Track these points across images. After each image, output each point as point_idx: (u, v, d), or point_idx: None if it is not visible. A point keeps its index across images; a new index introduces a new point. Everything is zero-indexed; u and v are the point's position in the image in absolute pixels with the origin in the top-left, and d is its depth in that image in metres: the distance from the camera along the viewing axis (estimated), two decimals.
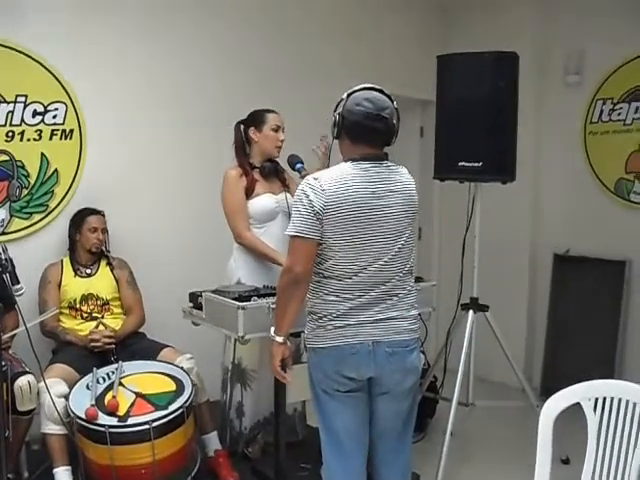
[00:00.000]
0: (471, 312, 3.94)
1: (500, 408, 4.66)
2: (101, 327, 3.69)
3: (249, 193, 3.52)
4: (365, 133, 2.51)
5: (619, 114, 4.91)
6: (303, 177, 2.92)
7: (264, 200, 3.54)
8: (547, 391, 4.69)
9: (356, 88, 2.56)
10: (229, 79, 4.56)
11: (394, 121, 2.54)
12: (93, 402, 3.12)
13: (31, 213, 3.90)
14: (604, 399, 2.38)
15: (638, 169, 4.84)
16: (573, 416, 2.42)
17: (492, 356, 4.14)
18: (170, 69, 4.34)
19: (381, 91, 2.55)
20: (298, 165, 3.40)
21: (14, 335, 3.26)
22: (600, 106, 5.01)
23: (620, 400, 2.34)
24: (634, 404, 2.31)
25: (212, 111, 4.44)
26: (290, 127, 3.69)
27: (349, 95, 2.55)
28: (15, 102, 3.79)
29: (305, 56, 4.93)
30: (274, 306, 2.75)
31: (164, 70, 4.32)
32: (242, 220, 3.51)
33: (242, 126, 3.64)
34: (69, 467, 3.22)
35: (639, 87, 4.78)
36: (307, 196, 2.43)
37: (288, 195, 3.52)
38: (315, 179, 2.46)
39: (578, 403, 2.39)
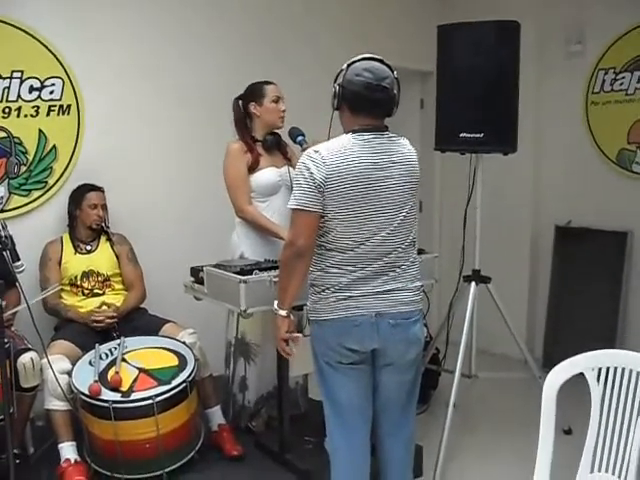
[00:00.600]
0: (473, 284, 3.93)
1: (502, 380, 4.68)
2: (104, 307, 3.68)
3: (254, 167, 3.49)
4: (365, 103, 2.48)
5: (621, 84, 4.87)
6: (304, 150, 2.89)
7: (267, 174, 3.51)
8: (549, 362, 4.75)
9: (356, 58, 2.52)
10: (225, 53, 4.51)
11: (395, 91, 2.51)
12: (96, 378, 3.12)
13: (30, 190, 3.88)
14: (607, 369, 2.37)
15: None
16: (575, 387, 2.42)
17: (494, 328, 4.15)
18: (168, 43, 4.30)
19: (381, 61, 2.52)
20: (299, 138, 3.37)
21: (16, 312, 3.26)
22: (602, 76, 4.97)
23: (624, 369, 2.34)
24: (638, 373, 2.30)
25: (211, 84, 4.41)
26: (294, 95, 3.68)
27: (349, 66, 2.52)
28: (11, 78, 3.75)
29: (300, 25, 4.88)
30: (276, 279, 2.74)
31: (162, 44, 4.28)
32: (243, 194, 3.48)
33: (240, 101, 3.60)
34: (74, 442, 3.22)
35: None
36: (308, 169, 2.41)
37: (290, 168, 3.49)
38: (316, 151, 2.44)
39: (580, 373, 2.39)
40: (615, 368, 2.36)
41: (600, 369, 2.39)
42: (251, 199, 3.51)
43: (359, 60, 2.52)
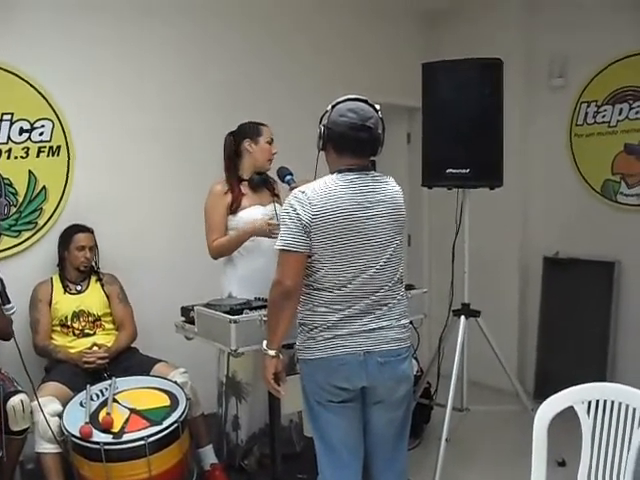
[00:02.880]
0: (463, 318, 3.95)
1: (495, 412, 4.67)
2: (95, 348, 3.68)
3: (235, 208, 3.52)
4: (350, 144, 2.51)
5: (603, 116, 4.95)
6: (292, 189, 2.92)
7: (252, 212, 3.52)
8: (541, 394, 4.76)
9: (340, 99, 2.56)
10: (220, 94, 4.57)
11: (379, 131, 2.55)
12: (87, 419, 3.11)
13: (20, 231, 3.89)
14: (597, 402, 2.40)
15: (624, 170, 4.87)
16: (568, 418, 2.43)
17: (485, 361, 4.16)
18: (158, 85, 4.36)
19: (365, 101, 2.55)
20: (287, 177, 3.39)
21: None
22: (585, 108, 5.05)
23: (613, 402, 2.37)
24: (627, 406, 2.33)
25: (201, 126, 4.46)
26: (279, 138, 3.71)
27: (333, 106, 2.55)
28: (1, 120, 3.78)
29: (283, 67, 4.94)
30: (266, 318, 2.74)
31: (152, 86, 4.33)
32: (212, 235, 3.49)
33: (232, 138, 3.64)
34: None
35: (622, 89, 4.83)
36: (294, 209, 2.44)
37: (277, 205, 3.51)
38: (302, 192, 2.47)
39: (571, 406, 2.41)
40: (605, 401, 2.39)
41: (590, 402, 2.41)
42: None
43: (343, 101, 2.55)
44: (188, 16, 4.45)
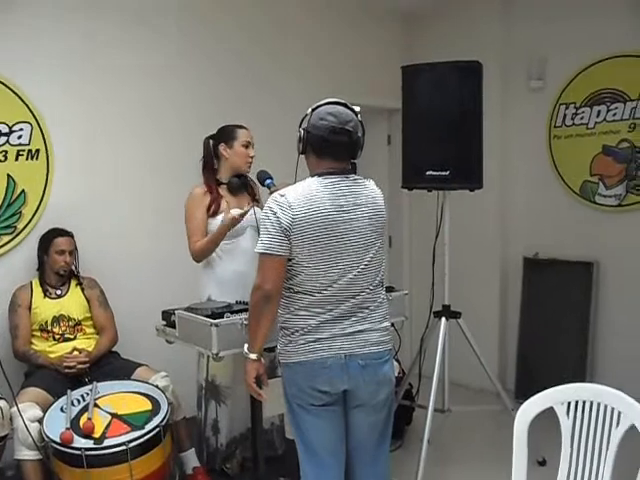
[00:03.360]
0: (443, 319, 3.97)
1: (476, 413, 4.70)
2: (75, 352, 3.65)
3: (215, 211, 3.50)
4: (330, 147, 2.52)
5: (582, 118, 4.99)
6: (272, 193, 2.91)
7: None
8: (522, 393, 4.80)
9: (320, 103, 2.57)
10: (200, 93, 4.57)
11: (359, 134, 2.56)
12: (68, 425, 3.08)
13: None
14: (576, 402, 2.41)
15: (602, 171, 4.92)
16: (548, 418, 2.45)
17: (466, 362, 4.18)
18: (138, 85, 4.34)
19: (345, 105, 2.56)
20: (268, 181, 3.38)
21: None
22: (563, 110, 5.09)
23: (592, 403, 2.38)
24: (605, 406, 2.35)
25: (182, 126, 4.46)
26: (263, 140, 3.71)
27: (313, 110, 2.56)
28: None
29: (269, 72, 4.94)
30: (247, 322, 2.74)
31: (132, 86, 4.31)
32: (193, 236, 3.48)
33: (211, 141, 3.63)
34: None
35: (600, 91, 4.88)
36: (274, 213, 2.44)
37: (257, 209, 3.50)
38: (282, 195, 2.47)
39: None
40: (584, 402, 2.41)
41: (569, 403, 2.43)
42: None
43: (323, 104, 2.56)
44: (170, 19, 4.45)
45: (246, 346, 2.61)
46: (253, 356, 2.59)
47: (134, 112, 4.32)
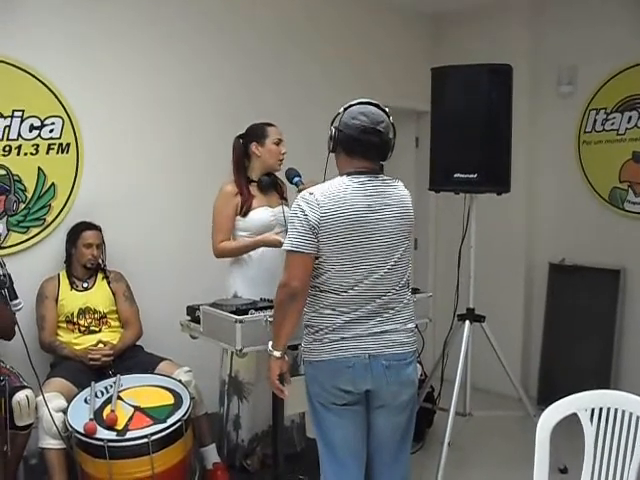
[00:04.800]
0: (467, 323, 3.96)
1: (497, 418, 4.67)
2: (100, 345, 3.69)
3: (245, 210, 3.52)
4: (360, 147, 2.52)
5: (612, 124, 4.95)
6: (300, 191, 2.92)
7: (260, 213, 3.53)
8: (544, 400, 4.75)
9: (352, 102, 2.57)
10: (224, 96, 4.57)
11: (390, 135, 2.56)
12: (92, 416, 3.12)
13: (28, 227, 3.90)
14: (600, 409, 2.40)
15: (632, 178, 4.88)
16: (570, 425, 2.43)
17: (489, 366, 4.17)
18: (171, 81, 4.36)
19: (377, 105, 2.57)
20: (296, 179, 3.40)
21: None
22: (593, 116, 5.05)
23: (617, 410, 2.36)
24: (630, 414, 2.33)
25: (213, 125, 4.47)
26: (291, 138, 3.72)
27: (345, 109, 2.56)
28: (12, 117, 3.79)
29: (298, 69, 4.95)
30: (272, 319, 2.75)
31: (164, 82, 4.33)
32: (219, 235, 3.50)
33: (242, 140, 3.63)
34: None
35: (632, 97, 4.84)
36: (302, 211, 2.45)
37: (286, 208, 3.51)
38: (311, 194, 2.48)
39: (575, 412, 2.41)
40: (608, 408, 2.39)
41: (593, 409, 2.41)
42: (230, 240, 3.53)
43: (356, 104, 2.56)
44: (211, 15, 4.48)
45: (270, 343, 2.62)
46: (277, 353, 2.59)
47: (164, 108, 4.34)
